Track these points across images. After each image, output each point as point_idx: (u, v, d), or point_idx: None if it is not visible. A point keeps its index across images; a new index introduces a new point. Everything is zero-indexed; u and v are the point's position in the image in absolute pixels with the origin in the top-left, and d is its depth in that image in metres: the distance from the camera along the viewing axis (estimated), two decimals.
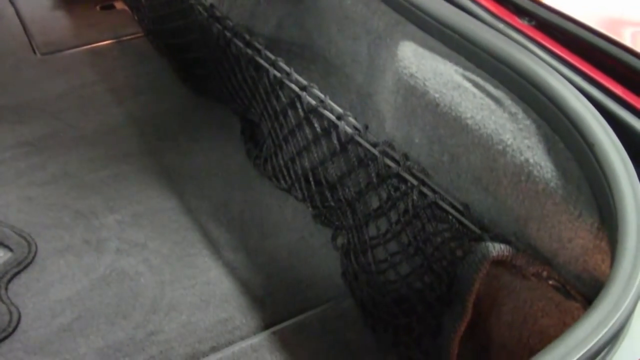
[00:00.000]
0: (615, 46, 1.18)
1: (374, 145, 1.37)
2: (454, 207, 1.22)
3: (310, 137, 1.57)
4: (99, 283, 1.59)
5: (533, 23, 1.30)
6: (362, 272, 1.52)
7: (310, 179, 1.62)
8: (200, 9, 1.86)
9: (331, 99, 1.57)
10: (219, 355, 1.43)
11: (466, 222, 1.19)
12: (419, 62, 1.31)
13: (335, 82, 1.69)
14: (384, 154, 1.35)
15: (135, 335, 1.47)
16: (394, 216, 1.37)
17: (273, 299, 1.56)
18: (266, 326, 1.50)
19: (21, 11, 2.59)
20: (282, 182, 1.78)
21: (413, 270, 1.36)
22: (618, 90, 1.13)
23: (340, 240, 1.65)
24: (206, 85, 2.10)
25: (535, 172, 1.07)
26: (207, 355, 1.43)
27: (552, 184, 1.04)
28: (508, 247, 1.08)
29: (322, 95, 1.51)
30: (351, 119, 1.44)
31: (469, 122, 1.18)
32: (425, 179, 1.28)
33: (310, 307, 1.54)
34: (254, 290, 1.58)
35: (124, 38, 2.44)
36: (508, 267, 1.14)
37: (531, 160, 1.08)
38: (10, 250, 1.64)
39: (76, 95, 2.17)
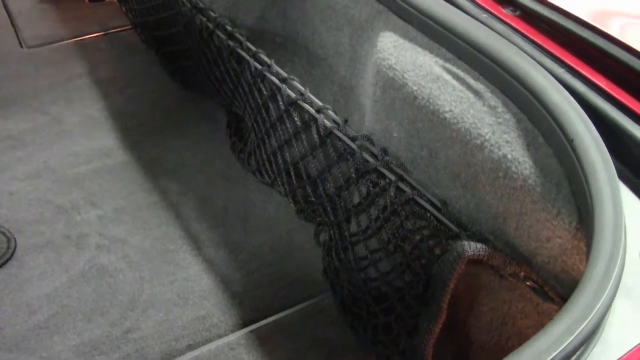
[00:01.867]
0: (602, 37, 1.14)
1: (353, 139, 1.34)
2: (432, 204, 1.18)
3: (291, 131, 1.53)
4: (78, 280, 1.56)
5: (518, 13, 1.26)
6: (343, 269, 1.49)
7: (292, 173, 1.58)
8: (184, 0, 1.82)
9: (315, 91, 1.53)
10: (195, 353, 1.40)
11: (444, 219, 1.15)
12: (399, 54, 1.27)
13: (319, 74, 1.66)
14: (363, 148, 1.31)
15: (112, 333, 1.45)
16: (374, 213, 1.33)
17: (253, 296, 1.53)
18: (245, 324, 1.47)
19: (9, 3, 2.56)
20: (266, 176, 1.74)
21: (393, 268, 1.32)
22: (602, 83, 1.09)
23: (323, 237, 1.61)
24: (193, 78, 2.07)
25: (513, 169, 1.03)
26: (183, 354, 1.40)
27: (530, 181, 1.00)
28: (484, 246, 1.05)
29: (302, 88, 1.47)
30: (331, 113, 1.41)
31: (447, 115, 1.14)
32: (404, 175, 1.24)
33: (290, 305, 1.51)
34: (234, 287, 1.55)
35: (113, 31, 2.41)
36: (487, 267, 1.11)
37: (509, 156, 1.04)
38: None
39: (62, 89, 2.14)
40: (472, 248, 1.05)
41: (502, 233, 1.08)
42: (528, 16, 1.24)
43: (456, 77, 1.17)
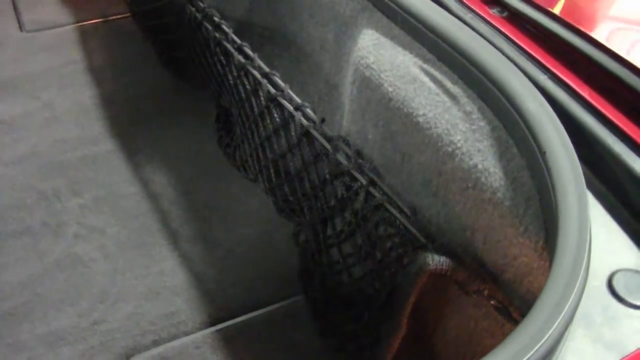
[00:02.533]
0: (588, 43, 1.09)
1: (329, 139, 1.30)
2: (401, 211, 1.14)
3: (271, 127, 1.49)
4: (51, 268, 1.54)
5: (504, 14, 1.21)
6: (317, 272, 1.45)
7: (271, 170, 1.54)
8: None
9: (301, 87, 1.50)
10: (159, 349, 1.38)
11: (411, 228, 1.10)
12: (378, 52, 1.22)
13: (306, 69, 1.62)
14: (337, 149, 1.27)
15: (79, 324, 1.43)
16: (348, 216, 1.29)
17: (224, 294, 1.50)
18: (213, 323, 1.44)
19: None
20: (249, 172, 1.71)
21: (364, 275, 1.28)
22: (586, 92, 1.04)
23: (302, 237, 1.58)
24: (185, 69, 2.04)
25: (483, 179, 0.98)
26: (147, 349, 1.38)
27: (499, 194, 0.96)
28: (448, 260, 1.00)
29: (282, 84, 1.43)
30: (309, 111, 1.37)
31: (421, 119, 1.09)
32: (376, 179, 1.20)
33: (261, 305, 1.48)
34: (207, 284, 1.52)
35: (111, 18, 2.39)
36: (452, 281, 1.06)
37: (480, 166, 0.99)
38: None
39: (56, 75, 2.12)
40: (435, 261, 1.00)
41: (470, 246, 1.04)
42: (515, 18, 1.19)
43: (433, 79, 1.12)
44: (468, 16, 1.21)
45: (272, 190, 1.60)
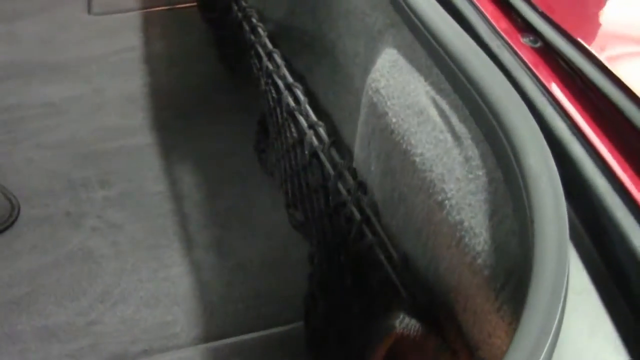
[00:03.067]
0: (628, 97, 0.92)
1: (334, 165, 1.20)
2: (390, 258, 1.02)
3: (290, 141, 1.41)
4: (62, 260, 1.54)
5: (538, 45, 1.05)
6: (322, 300, 1.36)
7: (289, 185, 1.46)
8: None
9: (336, 98, 1.41)
10: None
11: (395, 280, 0.99)
12: (391, 76, 1.11)
13: (340, 81, 1.52)
14: (339, 177, 1.17)
15: (75, 322, 1.41)
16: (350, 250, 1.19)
17: (225, 310, 1.44)
18: (206, 339, 1.38)
19: None
20: (277, 181, 1.63)
21: (358, 313, 1.18)
22: (603, 149, 0.88)
23: (315, 260, 1.49)
24: (238, 65, 1.98)
25: (466, 239, 0.86)
26: (134, 359, 1.34)
27: (479, 260, 0.83)
28: (418, 325, 0.89)
29: (302, 98, 1.34)
30: (321, 130, 1.27)
31: (417, 159, 0.97)
32: (372, 217, 1.09)
33: (259, 328, 1.41)
34: (210, 296, 1.47)
35: (178, 6, 2.37)
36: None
37: (466, 224, 0.86)
38: None
39: (112, 60, 2.13)
40: (403, 324, 0.89)
41: (451, 311, 0.92)
42: (548, 50, 1.04)
43: (441, 113, 1.00)
44: (495, 43, 1.07)
45: (288, 204, 1.52)
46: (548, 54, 1.03)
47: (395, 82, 1.09)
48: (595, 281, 0.79)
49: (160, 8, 2.37)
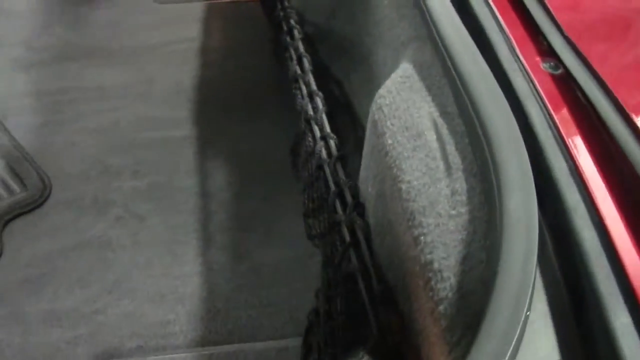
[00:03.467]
0: None
1: (336, 182, 1.13)
2: (370, 288, 0.95)
3: (308, 149, 1.35)
4: (81, 246, 1.55)
5: (559, 72, 0.95)
6: (324, 316, 1.30)
7: (305, 195, 1.41)
8: None
9: (367, 110, 1.34)
10: (137, 359, 1.31)
11: (370, 314, 0.92)
12: (399, 93, 1.04)
13: (374, 90, 1.45)
14: (338, 195, 1.10)
15: (79, 309, 1.41)
16: (331, 272, 1.13)
17: (228, 315, 1.40)
18: (203, 343, 1.35)
19: None
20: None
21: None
22: (613, 215, 0.76)
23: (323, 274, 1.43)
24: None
25: (432, 283, 0.78)
26: (127, 356, 1.32)
27: (440, 308, 0.75)
28: None
29: (321, 107, 1.29)
30: (332, 143, 1.21)
31: (404, 187, 0.90)
32: (361, 242, 1.02)
33: (257, 337, 1.36)
34: (215, 299, 1.44)
35: (244, 0, 2.34)
36: None
37: (435, 265, 0.79)
38: (25, 189, 1.65)
39: (169, 50, 2.13)
40: None
41: (417, 356, 0.84)
42: (567, 80, 0.93)
43: (439, 139, 0.92)
44: (512, 66, 0.96)
45: (305, 214, 1.47)
46: (567, 83, 0.92)
47: (400, 100, 1.01)
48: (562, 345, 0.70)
49: (224, 0, 2.36)
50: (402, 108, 1.00)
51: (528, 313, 0.64)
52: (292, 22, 1.53)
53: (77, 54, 2.10)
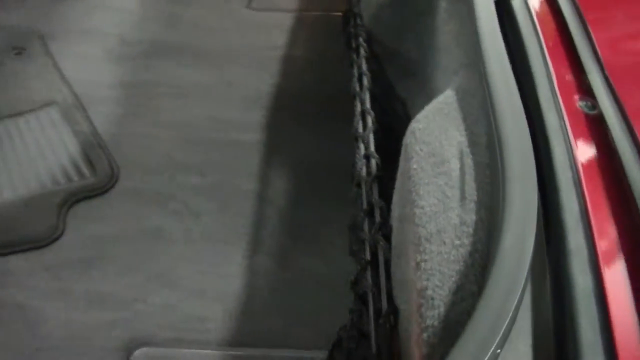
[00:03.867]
0: None
1: (369, 202, 1.14)
2: (378, 311, 0.95)
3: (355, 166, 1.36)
4: (135, 235, 1.61)
5: (594, 112, 0.91)
6: (350, 334, 1.29)
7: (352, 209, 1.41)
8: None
9: None
10: (168, 351, 1.36)
11: (372, 338, 0.92)
12: (433, 119, 1.03)
13: None
14: (368, 214, 1.11)
15: (122, 295, 1.47)
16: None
17: (263, 319, 1.43)
18: (233, 343, 1.38)
19: None
20: None
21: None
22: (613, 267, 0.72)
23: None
24: None
25: (423, 309, 0.77)
26: (160, 345, 1.37)
27: (424, 335, 0.75)
28: None
29: (370, 125, 1.31)
30: (373, 162, 1.22)
31: (417, 211, 0.89)
32: (381, 262, 1.02)
33: (286, 346, 1.37)
34: (254, 302, 1.46)
35: (335, 13, 2.36)
36: None
37: (429, 292, 0.78)
38: (95, 174, 1.74)
39: (252, 55, 2.19)
40: None
41: None
42: (601, 121, 0.89)
43: (462, 168, 0.91)
44: (547, 103, 0.93)
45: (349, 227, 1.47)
46: (600, 125, 0.88)
47: (433, 126, 1.01)
48: None
49: (315, 12, 2.40)
50: (434, 134, 0.99)
51: (499, 351, 0.63)
52: (360, 39, 1.55)
53: (166, 51, 2.19)
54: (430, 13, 1.39)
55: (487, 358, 0.61)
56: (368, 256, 1.04)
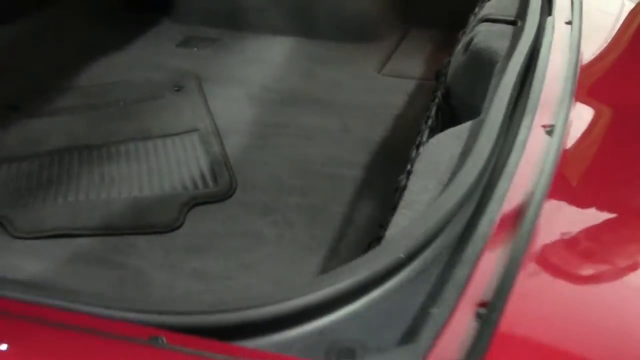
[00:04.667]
0: None
1: None
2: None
3: None
4: (238, 234, 1.93)
5: None
6: None
7: None
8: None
9: None
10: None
11: None
12: (439, 140, 1.25)
13: None
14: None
15: (215, 273, 1.78)
16: None
17: None
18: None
19: None
20: None
21: None
22: None
23: None
24: None
25: None
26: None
27: None
28: None
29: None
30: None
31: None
32: None
33: None
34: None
35: None
36: None
37: None
38: (217, 186, 2.10)
39: (371, 111, 2.50)
40: None
41: None
42: None
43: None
44: None
45: None
46: None
47: (437, 142, 1.21)
48: None
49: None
50: (434, 148, 1.20)
51: None
52: (438, 93, 1.77)
53: (300, 100, 2.56)
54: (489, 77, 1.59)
55: None
56: None
